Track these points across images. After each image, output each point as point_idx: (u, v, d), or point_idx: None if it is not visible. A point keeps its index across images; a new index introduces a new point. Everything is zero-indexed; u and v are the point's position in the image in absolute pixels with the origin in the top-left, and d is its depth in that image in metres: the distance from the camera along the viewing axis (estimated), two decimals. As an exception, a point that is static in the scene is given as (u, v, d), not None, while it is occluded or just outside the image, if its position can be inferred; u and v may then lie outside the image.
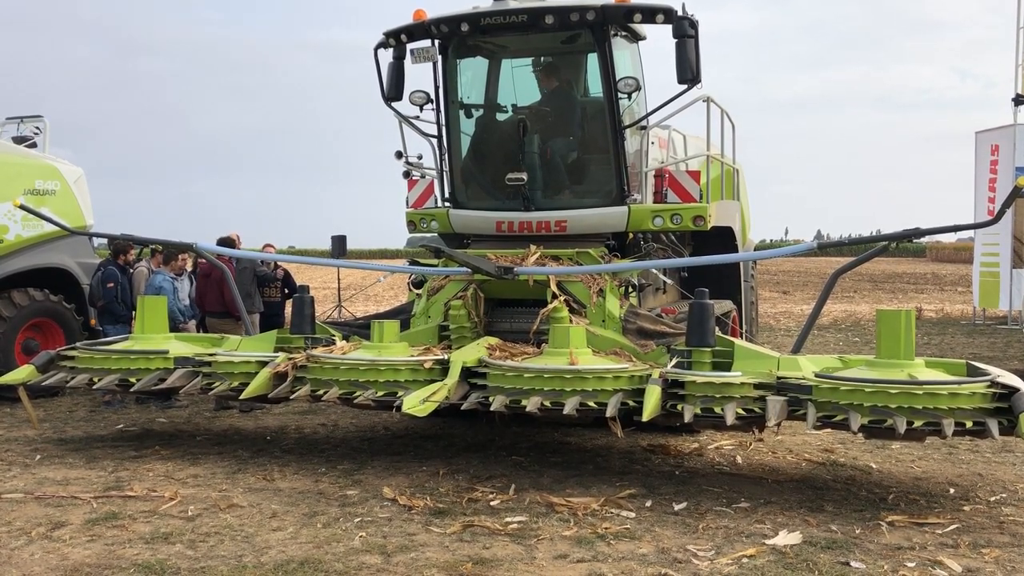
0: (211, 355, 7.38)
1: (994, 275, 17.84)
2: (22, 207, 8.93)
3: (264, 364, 7.05)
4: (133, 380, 7.37)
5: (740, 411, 5.92)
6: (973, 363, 6.18)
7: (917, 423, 5.50)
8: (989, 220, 6.51)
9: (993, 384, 5.65)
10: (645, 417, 5.92)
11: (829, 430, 8.14)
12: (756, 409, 5.97)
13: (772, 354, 6.54)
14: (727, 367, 6.40)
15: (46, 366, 7.67)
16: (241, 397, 6.97)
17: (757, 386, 6.06)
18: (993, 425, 5.47)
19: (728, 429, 6.36)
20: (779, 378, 6.09)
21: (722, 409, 5.91)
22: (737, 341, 6.77)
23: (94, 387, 7.47)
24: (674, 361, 6.48)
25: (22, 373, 7.69)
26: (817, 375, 5.99)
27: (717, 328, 6.75)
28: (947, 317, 20.45)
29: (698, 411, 5.97)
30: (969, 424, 5.52)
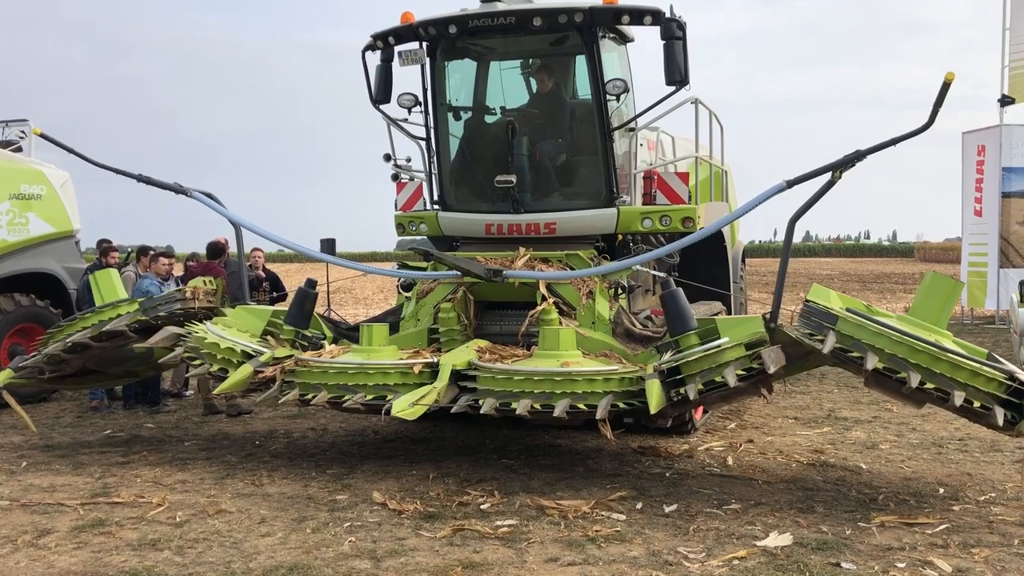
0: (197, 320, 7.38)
1: (981, 275, 17.92)
2: (43, 136, 8.54)
3: (249, 357, 6.98)
4: (108, 328, 7.46)
5: (740, 372, 5.92)
6: (994, 355, 6.09)
7: (929, 385, 5.50)
8: (923, 125, 6.19)
9: (1012, 378, 5.63)
10: (653, 409, 5.91)
11: (818, 430, 8.20)
12: (755, 366, 5.96)
13: (754, 316, 6.51)
14: None
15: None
16: (216, 391, 7.00)
17: (748, 346, 6.06)
18: (999, 414, 5.48)
19: (737, 396, 6.28)
20: (807, 302, 6.00)
21: (722, 376, 5.91)
22: (717, 317, 6.68)
23: (70, 343, 7.50)
24: (666, 354, 6.45)
25: (3, 376, 7.70)
26: (848, 310, 5.91)
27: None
28: (935, 317, 20.50)
29: (701, 387, 5.96)
30: (976, 405, 5.51)
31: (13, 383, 7.74)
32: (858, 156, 6.20)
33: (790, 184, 6.40)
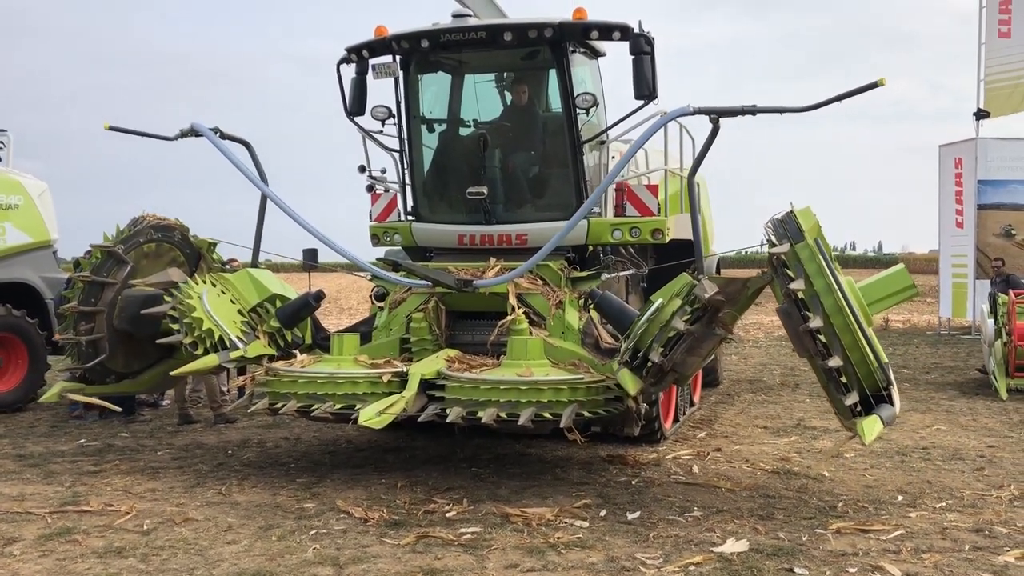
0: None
1: (963, 286, 18.14)
2: (112, 128, 8.46)
3: (224, 347, 7.06)
4: (98, 247, 7.60)
5: (686, 317, 6.06)
6: (890, 368, 6.11)
7: (823, 337, 5.71)
8: (809, 106, 6.43)
9: (887, 387, 5.81)
10: (632, 392, 6.15)
11: (786, 439, 8.30)
12: (696, 305, 6.08)
13: (679, 275, 6.64)
14: None
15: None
16: (173, 373, 7.19)
17: (683, 297, 6.21)
18: (852, 397, 5.72)
19: (701, 345, 6.37)
20: (791, 213, 6.04)
21: (674, 331, 6.04)
22: (651, 297, 6.79)
23: (79, 289, 7.52)
24: (622, 347, 6.55)
25: (57, 388, 7.66)
26: (816, 241, 5.98)
27: None
28: (913, 328, 20.72)
29: (661, 348, 6.08)
30: (842, 379, 5.76)
31: (70, 388, 7.59)
32: (747, 111, 6.50)
33: (697, 111, 6.66)
